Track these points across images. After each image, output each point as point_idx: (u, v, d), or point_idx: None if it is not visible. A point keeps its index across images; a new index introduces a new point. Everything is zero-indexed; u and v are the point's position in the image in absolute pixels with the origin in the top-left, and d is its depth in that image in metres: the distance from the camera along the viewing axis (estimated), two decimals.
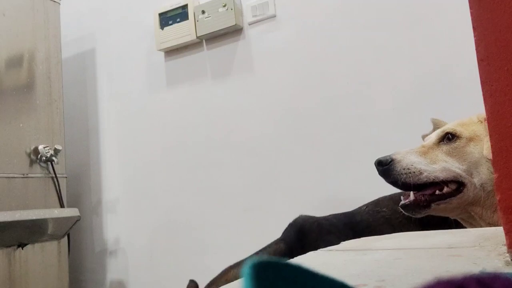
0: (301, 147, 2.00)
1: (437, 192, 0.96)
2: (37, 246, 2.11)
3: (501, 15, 0.51)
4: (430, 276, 0.23)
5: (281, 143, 2.04)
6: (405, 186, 0.98)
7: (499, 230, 0.54)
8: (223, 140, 2.18)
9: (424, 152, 1.00)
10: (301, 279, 0.25)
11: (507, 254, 0.50)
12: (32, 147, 2.19)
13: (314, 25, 2.01)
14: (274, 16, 2.11)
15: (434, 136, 1.04)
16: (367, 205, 1.35)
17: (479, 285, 0.21)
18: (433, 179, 0.95)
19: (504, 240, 0.51)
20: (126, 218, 2.49)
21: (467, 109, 1.65)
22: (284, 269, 0.25)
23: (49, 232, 2.12)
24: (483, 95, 0.54)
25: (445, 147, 1.00)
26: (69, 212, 2.19)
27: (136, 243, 2.44)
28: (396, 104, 1.81)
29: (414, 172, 0.96)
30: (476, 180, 0.94)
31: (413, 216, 0.98)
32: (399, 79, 1.82)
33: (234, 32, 2.20)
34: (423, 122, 1.77)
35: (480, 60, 0.53)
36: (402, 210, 0.99)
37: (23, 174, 2.14)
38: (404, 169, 0.97)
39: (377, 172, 1.12)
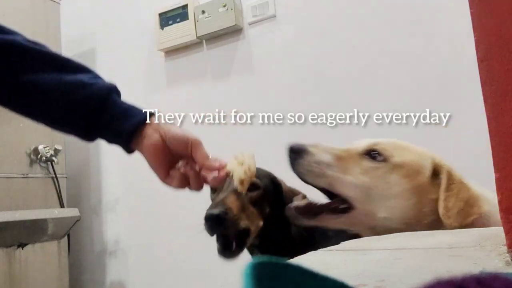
0: None
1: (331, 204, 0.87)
2: (37, 246, 2.11)
3: (501, 15, 0.51)
4: (430, 276, 0.23)
5: (280, 143, 2.04)
6: (306, 182, 0.88)
7: (499, 230, 0.54)
8: (222, 139, 2.18)
9: (341, 157, 0.87)
10: (301, 279, 0.25)
11: (507, 254, 0.50)
12: (32, 147, 2.19)
13: (314, 25, 2.01)
14: (274, 16, 2.11)
15: (363, 145, 0.90)
16: None
17: (479, 285, 0.21)
18: (331, 189, 0.85)
19: (504, 240, 0.51)
20: (126, 218, 2.49)
21: (467, 109, 1.65)
22: (284, 269, 0.25)
23: (49, 232, 2.12)
24: (483, 95, 0.54)
25: (364, 163, 0.85)
26: (69, 212, 2.19)
27: (136, 243, 2.44)
28: (396, 104, 1.81)
29: (315, 173, 0.85)
30: (378, 214, 0.80)
31: (297, 223, 0.92)
32: (399, 79, 1.82)
33: (234, 32, 2.20)
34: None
35: (480, 61, 0.53)
36: (288, 213, 0.93)
37: (23, 174, 2.14)
38: (309, 166, 0.85)
39: None
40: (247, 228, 1.03)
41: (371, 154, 0.85)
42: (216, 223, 1.02)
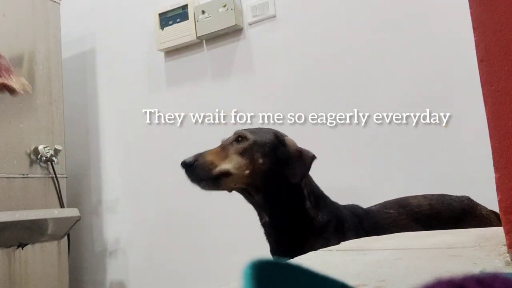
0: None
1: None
2: (37, 246, 2.11)
3: (501, 15, 0.51)
4: (430, 276, 0.23)
5: None
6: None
7: (499, 230, 0.54)
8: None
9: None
10: (301, 279, 0.25)
11: (507, 254, 0.50)
12: (32, 147, 2.19)
13: (314, 25, 2.01)
14: (274, 16, 2.11)
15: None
16: (375, 205, 1.41)
17: (479, 285, 0.21)
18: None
19: (504, 240, 0.51)
20: (126, 218, 2.49)
21: (467, 109, 1.65)
22: (284, 269, 0.25)
23: (49, 232, 2.12)
24: (483, 95, 0.54)
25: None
26: (69, 212, 2.19)
27: (136, 243, 2.44)
28: (396, 104, 1.81)
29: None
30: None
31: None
32: (399, 80, 1.82)
33: (234, 32, 2.20)
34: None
35: (480, 61, 0.53)
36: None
37: (23, 174, 2.14)
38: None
39: (372, 170, 1.13)
40: (226, 171, 1.25)
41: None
42: (187, 169, 1.25)
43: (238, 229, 2.11)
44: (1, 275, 1.94)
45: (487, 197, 1.31)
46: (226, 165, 1.25)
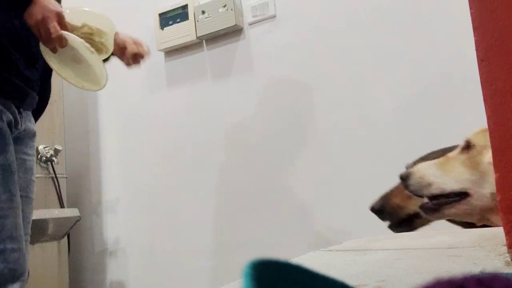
0: (301, 147, 2.00)
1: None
2: (37, 246, 2.11)
3: (501, 15, 0.51)
4: (430, 276, 0.23)
5: (281, 143, 2.04)
6: (420, 195, 1.06)
7: (499, 230, 0.54)
8: (223, 140, 2.18)
9: (442, 163, 1.03)
10: (301, 279, 0.25)
11: (507, 254, 0.50)
12: None
13: (314, 25, 2.01)
14: (274, 16, 2.11)
15: (460, 146, 1.07)
16: None
17: (479, 285, 0.21)
18: (441, 191, 0.99)
19: (504, 241, 0.51)
20: (126, 218, 2.49)
21: (467, 109, 1.65)
22: (284, 269, 0.25)
23: (49, 232, 2.12)
24: (483, 95, 0.54)
25: (462, 157, 1.00)
26: (69, 212, 2.19)
27: (136, 243, 2.44)
28: (396, 104, 1.81)
29: (424, 185, 1.01)
30: (485, 190, 0.93)
31: (429, 218, 1.07)
32: (399, 79, 1.82)
33: (234, 32, 2.20)
34: (424, 122, 1.77)
35: (480, 60, 0.53)
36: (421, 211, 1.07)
37: None
38: (416, 182, 1.02)
39: (375, 171, 1.14)
40: (413, 213, 1.17)
41: (467, 146, 1.00)
42: (376, 213, 1.23)
43: (239, 229, 2.11)
44: None
45: None
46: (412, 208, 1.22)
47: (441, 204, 0.98)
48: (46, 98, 1.32)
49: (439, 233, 0.77)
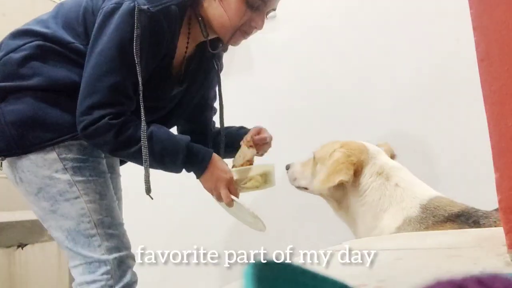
0: (300, 147, 2.00)
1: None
2: (37, 246, 2.11)
3: (501, 15, 0.51)
4: (430, 276, 0.23)
5: (280, 143, 2.04)
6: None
7: (499, 230, 0.54)
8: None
9: (305, 164, 1.46)
10: (301, 279, 0.25)
11: (507, 255, 0.50)
12: None
13: (314, 25, 2.01)
14: (274, 16, 2.11)
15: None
16: None
17: (479, 285, 0.21)
18: (298, 185, 1.48)
19: (504, 241, 0.51)
20: (126, 218, 2.49)
21: (467, 109, 1.65)
22: (284, 269, 0.25)
23: (49, 232, 2.12)
24: (483, 95, 0.54)
25: (312, 162, 1.42)
26: None
27: (136, 243, 2.44)
28: (396, 104, 1.81)
29: (293, 179, 1.48)
30: (314, 188, 1.39)
31: None
32: (399, 79, 1.82)
33: None
34: (423, 122, 1.77)
35: (480, 60, 0.53)
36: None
37: None
38: (290, 175, 1.49)
39: None
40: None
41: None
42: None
43: (239, 230, 2.11)
44: (1, 275, 1.94)
45: (487, 197, 1.31)
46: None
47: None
48: None
49: (439, 233, 0.77)
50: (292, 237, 1.97)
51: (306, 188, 1.45)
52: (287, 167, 1.51)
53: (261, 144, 1.41)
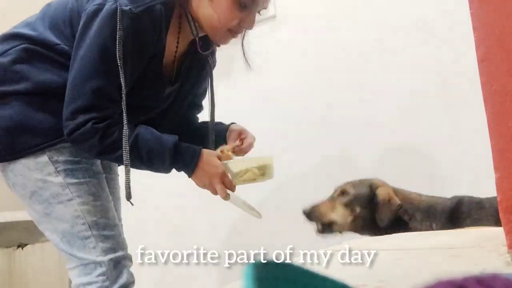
0: (300, 148, 2.00)
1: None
2: (37, 246, 2.11)
3: (501, 15, 0.51)
4: (430, 276, 0.23)
5: (280, 143, 2.04)
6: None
7: (499, 231, 0.54)
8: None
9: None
10: (301, 279, 0.25)
11: (507, 255, 0.50)
12: None
13: (314, 25, 2.01)
14: (274, 16, 2.11)
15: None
16: None
17: (479, 285, 0.21)
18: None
19: (504, 241, 0.51)
20: (126, 218, 2.49)
21: (467, 109, 1.65)
22: (284, 269, 0.25)
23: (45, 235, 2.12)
24: (483, 95, 0.54)
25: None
26: None
27: (135, 243, 2.44)
28: (397, 104, 1.81)
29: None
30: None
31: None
32: (399, 80, 1.82)
33: None
34: (424, 122, 1.77)
35: (480, 61, 0.53)
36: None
37: None
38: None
39: (375, 171, 1.14)
40: (332, 220, 1.53)
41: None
42: (306, 216, 1.57)
43: (239, 230, 2.11)
44: (1, 275, 1.94)
45: (487, 197, 1.31)
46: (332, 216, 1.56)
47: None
48: None
49: (439, 233, 0.77)
50: (292, 237, 1.97)
51: None
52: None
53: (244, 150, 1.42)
